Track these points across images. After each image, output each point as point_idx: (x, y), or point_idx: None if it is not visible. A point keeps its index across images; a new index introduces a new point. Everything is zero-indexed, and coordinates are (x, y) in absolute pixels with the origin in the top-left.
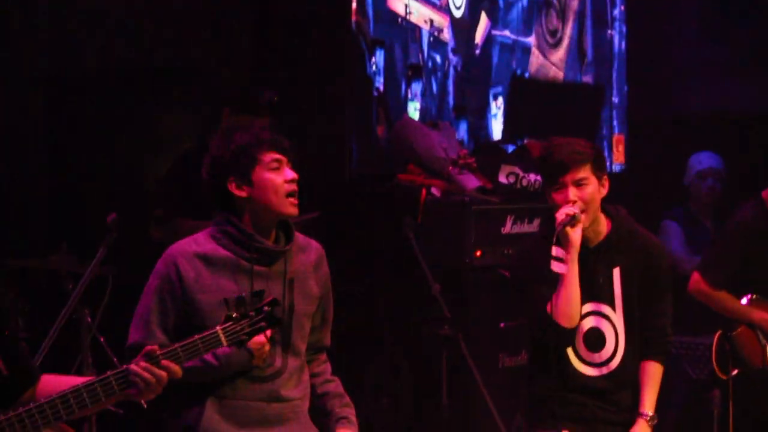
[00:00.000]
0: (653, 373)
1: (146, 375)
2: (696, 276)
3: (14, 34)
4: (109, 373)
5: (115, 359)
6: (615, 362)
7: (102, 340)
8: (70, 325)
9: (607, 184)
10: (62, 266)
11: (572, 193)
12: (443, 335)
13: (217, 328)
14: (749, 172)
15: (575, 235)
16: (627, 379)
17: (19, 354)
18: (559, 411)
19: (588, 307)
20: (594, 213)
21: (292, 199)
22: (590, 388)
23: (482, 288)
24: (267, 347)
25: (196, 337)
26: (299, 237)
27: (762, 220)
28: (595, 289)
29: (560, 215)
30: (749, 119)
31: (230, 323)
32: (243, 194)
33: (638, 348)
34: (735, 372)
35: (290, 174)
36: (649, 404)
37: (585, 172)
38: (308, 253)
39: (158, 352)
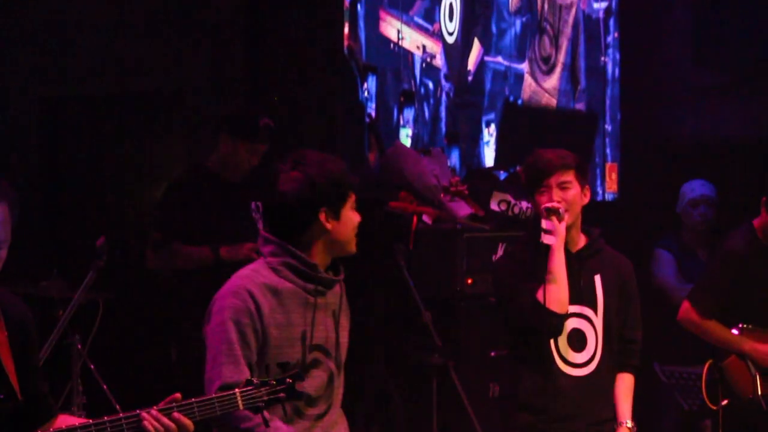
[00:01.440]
0: (630, 384)
1: (155, 424)
2: (686, 305)
3: (6, 59)
4: (121, 415)
5: (105, 386)
6: (593, 365)
7: (92, 367)
8: (61, 351)
9: (588, 194)
10: (53, 292)
11: (556, 194)
12: (434, 364)
13: (236, 390)
14: (742, 200)
15: (561, 226)
16: (601, 386)
17: (38, 385)
18: (542, 418)
19: (572, 308)
20: (576, 217)
21: (355, 239)
22: (571, 388)
23: (473, 316)
24: None
25: (214, 396)
26: None
27: (753, 248)
28: (578, 292)
29: (546, 204)
30: (742, 146)
31: (251, 388)
32: (329, 227)
33: (613, 357)
34: (725, 402)
35: (358, 216)
36: (628, 413)
37: (569, 176)
38: (340, 284)
39: (174, 404)
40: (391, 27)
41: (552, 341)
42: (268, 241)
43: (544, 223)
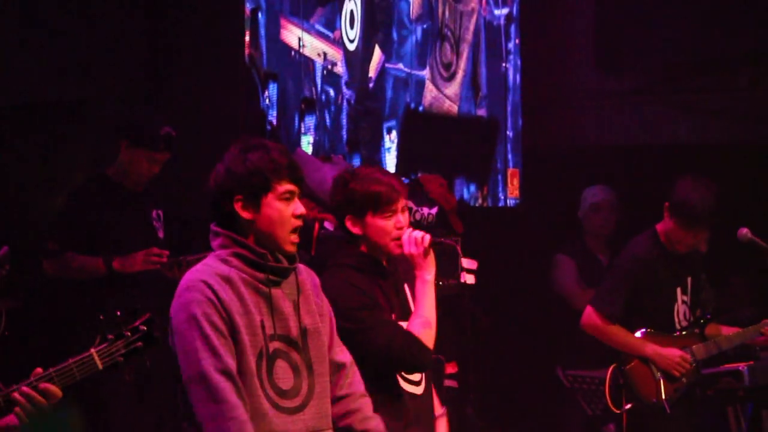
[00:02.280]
0: None
1: (23, 397)
2: (589, 310)
3: None
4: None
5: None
6: (423, 381)
7: None
8: None
9: None
10: None
11: (403, 218)
12: None
13: (92, 350)
14: (643, 205)
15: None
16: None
17: None
18: None
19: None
20: None
21: (294, 237)
22: (420, 409)
23: None
24: None
25: (71, 360)
26: None
27: (656, 253)
28: (406, 307)
29: (422, 236)
30: (643, 151)
31: (105, 345)
32: (248, 216)
33: None
34: (629, 406)
35: (300, 208)
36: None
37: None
38: (302, 273)
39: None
40: (292, 35)
41: None
42: (216, 234)
43: (466, 263)
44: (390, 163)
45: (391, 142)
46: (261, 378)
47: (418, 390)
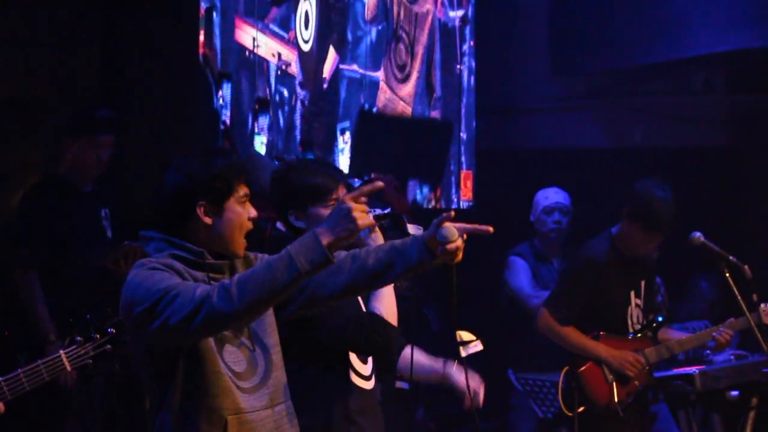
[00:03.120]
0: None
1: None
2: (543, 311)
3: None
4: None
5: None
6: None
7: None
8: None
9: None
10: None
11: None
12: None
13: (61, 352)
14: (596, 208)
15: None
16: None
17: None
18: None
19: None
20: None
21: (244, 241)
22: (369, 405)
23: None
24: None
25: (39, 361)
26: None
27: (611, 256)
28: None
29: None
30: (597, 154)
31: (74, 347)
32: (208, 222)
33: None
34: (582, 409)
35: (253, 211)
36: None
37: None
38: (256, 258)
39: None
40: (247, 35)
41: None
42: (149, 239)
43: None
44: (343, 164)
45: (344, 143)
46: (222, 356)
47: (369, 385)
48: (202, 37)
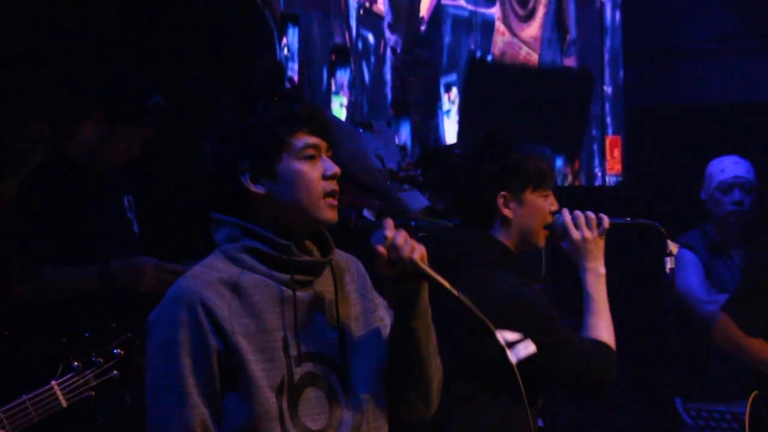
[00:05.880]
0: None
1: None
2: (723, 319)
3: None
4: None
5: None
6: None
7: None
8: None
9: None
10: None
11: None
12: None
13: (53, 383)
14: None
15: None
16: None
17: None
18: None
19: None
20: None
21: (331, 200)
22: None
23: None
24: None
25: (25, 397)
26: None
27: None
28: None
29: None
30: None
31: (70, 375)
32: (261, 191)
33: None
34: None
35: (331, 167)
36: None
37: None
38: (340, 262)
39: None
40: None
41: None
42: (219, 224)
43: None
44: (449, 130)
45: (450, 102)
46: (282, 418)
47: None
48: None
